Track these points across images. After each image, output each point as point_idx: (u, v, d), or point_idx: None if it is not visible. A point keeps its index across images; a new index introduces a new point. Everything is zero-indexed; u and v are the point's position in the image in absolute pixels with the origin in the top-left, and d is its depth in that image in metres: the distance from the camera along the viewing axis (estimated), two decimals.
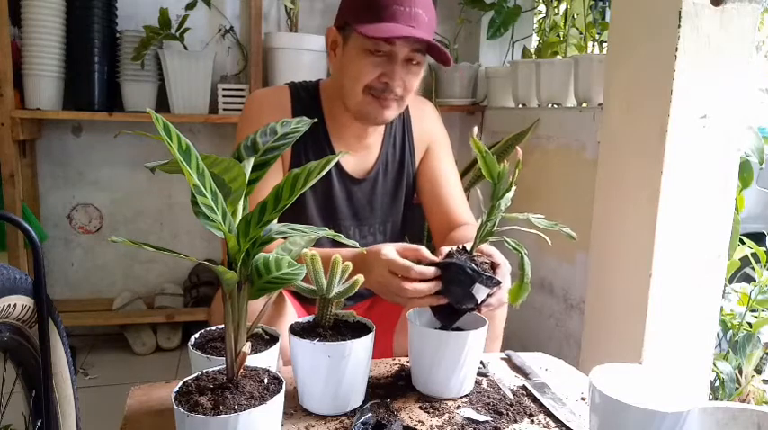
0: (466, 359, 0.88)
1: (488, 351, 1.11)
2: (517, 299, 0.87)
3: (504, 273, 0.91)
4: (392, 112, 1.15)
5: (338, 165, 1.21)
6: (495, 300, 0.89)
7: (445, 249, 0.92)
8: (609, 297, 1.39)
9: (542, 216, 0.86)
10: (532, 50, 2.18)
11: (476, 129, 0.85)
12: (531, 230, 0.87)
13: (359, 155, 1.24)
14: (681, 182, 1.23)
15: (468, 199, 1.41)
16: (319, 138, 1.21)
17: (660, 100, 1.21)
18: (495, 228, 0.89)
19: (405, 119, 1.29)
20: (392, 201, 1.29)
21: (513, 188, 0.87)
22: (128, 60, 2.02)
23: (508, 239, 0.87)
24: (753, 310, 1.62)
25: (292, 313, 1.08)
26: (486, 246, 0.92)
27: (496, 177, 0.86)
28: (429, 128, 1.31)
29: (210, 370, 0.70)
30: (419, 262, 0.90)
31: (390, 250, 0.94)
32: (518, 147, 0.93)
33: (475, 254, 0.90)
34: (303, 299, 1.19)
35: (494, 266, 0.90)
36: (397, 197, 1.30)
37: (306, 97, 1.22)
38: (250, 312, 0.68)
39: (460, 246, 0.92)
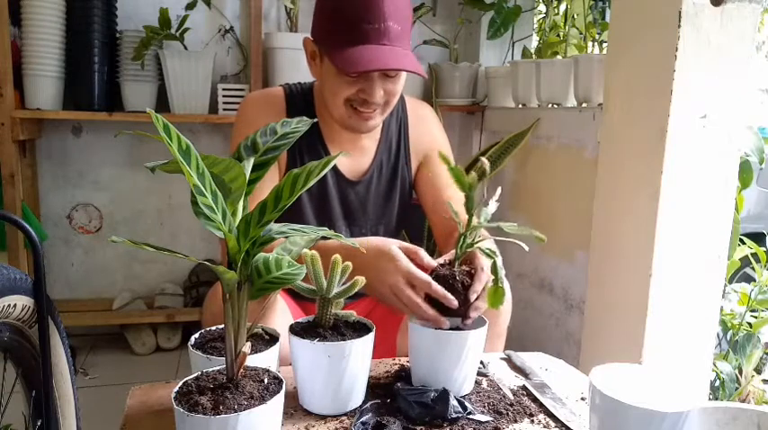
0: (466, 359, 0.88)
1: (492, 348, 1.11)
2: (494, 303, 0.85)
3: (482, 280, 0.90)
4: (376, 121, 1.15)
5: (334, 166, 1.21)
6: (482, 304, 0.90)
7: (433, 262, 0.94)
8: (609, 297, 1.39)
9: (514, 224, 0.87)
10: (532, 50, 2.18)
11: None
12: (508, 241, 0.88)
13: (354, 157, 1.25)
14: (681, 182, 1.23)
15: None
16: (314, 140, 1.21)
17: (660, 100, 1.21)
18: (475, 240, 0.90)
19: (402, 122, 1.29)
20: (385, 203, 1.29)
21: (495, 203, 0.90)
22: (128, 60, 2.02)
23: (482, 247, 0.88)
24: (753, 310, 1.62)
25: (285, 311, 1.08)
26: (475, 252, 0.92)
27: (468, 188, 0.88)
28: (426, 132, 1.31)
29: (210, 370, 0.70)
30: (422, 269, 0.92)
31: (401, 255, 0.94)
32: (484, 158, 0.94)
33: (458, 265, 0.92)
34: (299, 296, 1.19)
35: (472, 275, 0.91)
36: (390, 200, 1.30)
37: (300, 99, 1.22)
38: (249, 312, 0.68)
39: (446, 260, 0.94)
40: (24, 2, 1.88)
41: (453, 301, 0.87)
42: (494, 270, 0.85)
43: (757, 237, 1.78)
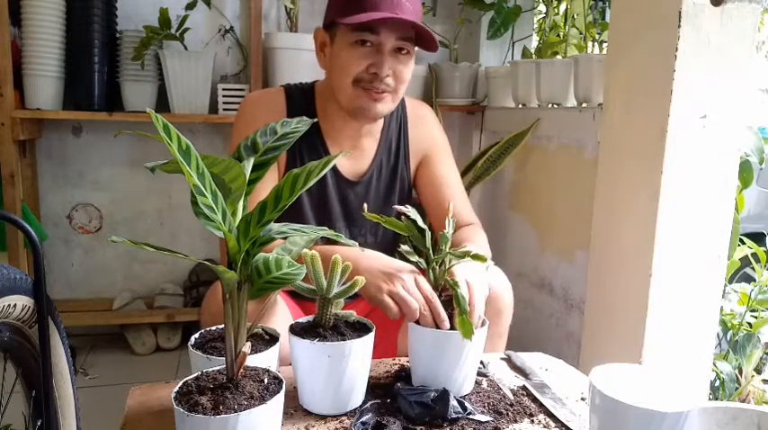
0: (466, 359, 0.88)
1: (494, 348, 1.11)
2: (466, 333, 0.83)
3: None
4: (386, 106, 1.14)
5: (334, 166, 1.21)
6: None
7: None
8: (609, 297, 1.39)
9: (463, 248, 0.92)
10: (532, 50, 2.18)
11: (365, 206, 0.96)
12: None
13: (354, 157, 1.25)
14: (681, 182, 1.22)
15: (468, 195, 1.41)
16: (314, 140, 1.21)
17: (660, 100, 1.21)
18: (447, 266, 0.92)
19: (401, 123, 1.29)
20: (385, 203, 1.29)
21: (450, 232, 0.94)
22: (128, 60, 2.02)
23: (448, 278, 0.89)
24: (753, 310, 1.62)
25: (285, 311, 1.08)
26: (454, 274, 0.92)
27: (406, 230, 0.93)
28: (426, 133, 1.31)
29: (210, 370, 0.70)
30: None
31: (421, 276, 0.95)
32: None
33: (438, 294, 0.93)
34: (299, 296, 1.19)
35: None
36: (389, 201, 1.30)
37: (301, 99, 1.22)
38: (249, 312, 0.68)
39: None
40: (24, 2, 1.88)
41: (446, 323, 0.88)
42: (457, 301, 0.84)
43: (757, 237, 1.78)
